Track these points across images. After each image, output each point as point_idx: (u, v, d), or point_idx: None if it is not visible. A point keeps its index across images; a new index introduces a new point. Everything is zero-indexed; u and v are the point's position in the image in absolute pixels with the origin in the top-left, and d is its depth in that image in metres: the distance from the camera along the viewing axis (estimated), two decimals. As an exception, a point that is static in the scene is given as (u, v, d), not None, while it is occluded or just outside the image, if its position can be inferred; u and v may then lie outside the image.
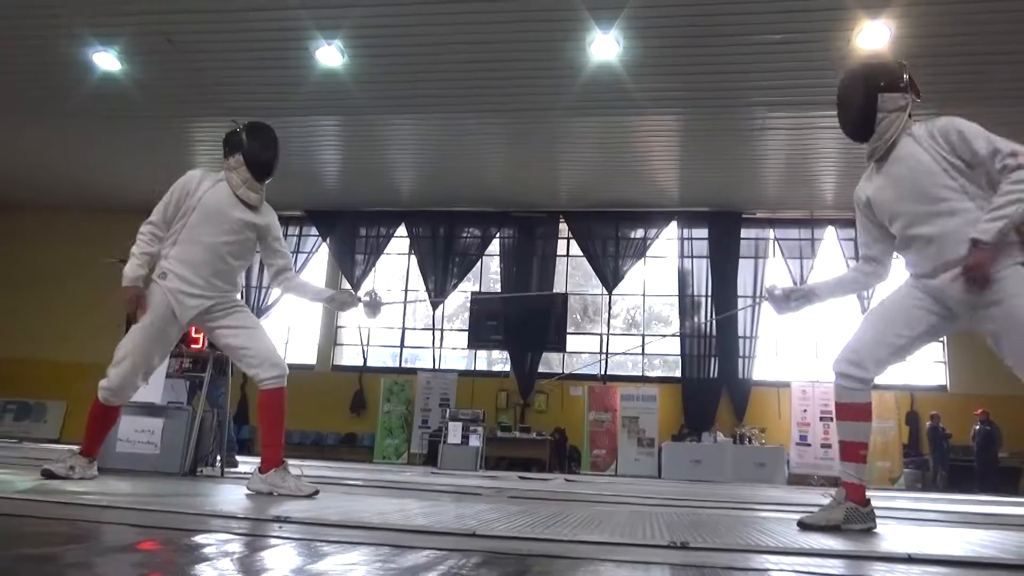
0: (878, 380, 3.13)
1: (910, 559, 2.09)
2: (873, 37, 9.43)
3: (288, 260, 4.14)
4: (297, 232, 17.24)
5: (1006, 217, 2.65)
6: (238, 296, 3.98)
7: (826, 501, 3.13)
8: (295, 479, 3.72)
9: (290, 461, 3.93)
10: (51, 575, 1.37)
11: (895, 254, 3.23)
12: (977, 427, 13.43)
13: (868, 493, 3.06)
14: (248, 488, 3.73)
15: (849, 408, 3.07)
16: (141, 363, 3.76)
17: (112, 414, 3.95)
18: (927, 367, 14.93)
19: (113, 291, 3.97)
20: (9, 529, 2.03)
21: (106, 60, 10.86)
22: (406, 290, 17.41)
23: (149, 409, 5.27)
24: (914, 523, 3.85)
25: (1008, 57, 9.68)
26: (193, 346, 5.37)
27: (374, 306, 4.24)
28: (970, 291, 2.73)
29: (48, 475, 3.73)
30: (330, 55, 10.45)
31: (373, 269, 17.04)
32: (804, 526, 2.98)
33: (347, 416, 16.15)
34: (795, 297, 3.40)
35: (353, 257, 16.91)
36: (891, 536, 2.89)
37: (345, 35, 10.07)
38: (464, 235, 16.78)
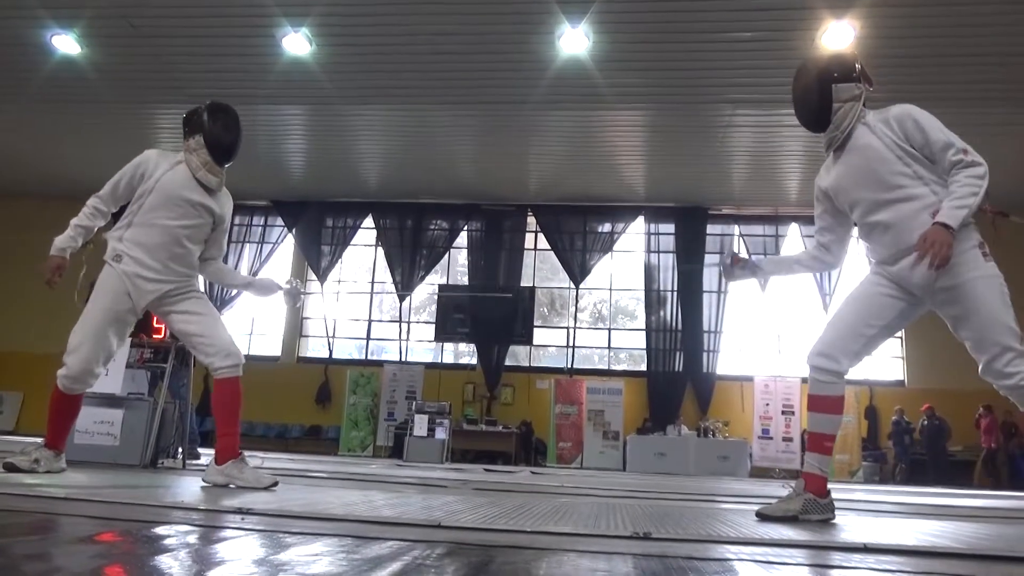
0: (842, 376, 3.19)
1: (866, 548, 2.14)
2: (837, 37, 9.59)
3: (223, 253, 4.09)
4: (263, 222, 17.05)
5: (968, 207, 2.75)
6: (195, 281, 3.90)
7: (785, 493, 3.19)
8: (253, 470, 3.67)
9: (255, 453, 3.88)
10: (6, 567, 1.34)
11: (851, 243, 3.33)
12: (924, 422, 13.75)
13: (829, 485, 3.12)
14: (204, 480, 3.66)
15: (822, 400, 3.12)
16: (99, 348, 3.65)
17: (74, 403, 3.82)
18: (885, 363, 15.26)
19: (72, 279, 3.87)
20: (-38, 521, 1.98)
21: (65, 43, 10.61)
22: (372, 281, 17.32)
23: (109, 400, 5.18)
24: (871, 514, 3.93)
25: (970, 59, 9.90)
26: (155, 336, 5.28)
27: (293, 295, 4.25)
28: (928, 271, 2.79)
29: (10, 468, 3.60)
30: (297, 43, 10.32)
31: (339, 260, 16.91)
32: (762, 516, 3.02)
33: (312, 408, 16.03)
34: (741, 266, 3.50)
35: (319, 248, 16.76)
36: (849, 526, 2.95)
37: (313, 23, 9.96)
38: (432, 227, 16.73)
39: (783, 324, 15.82)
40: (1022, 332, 2.80)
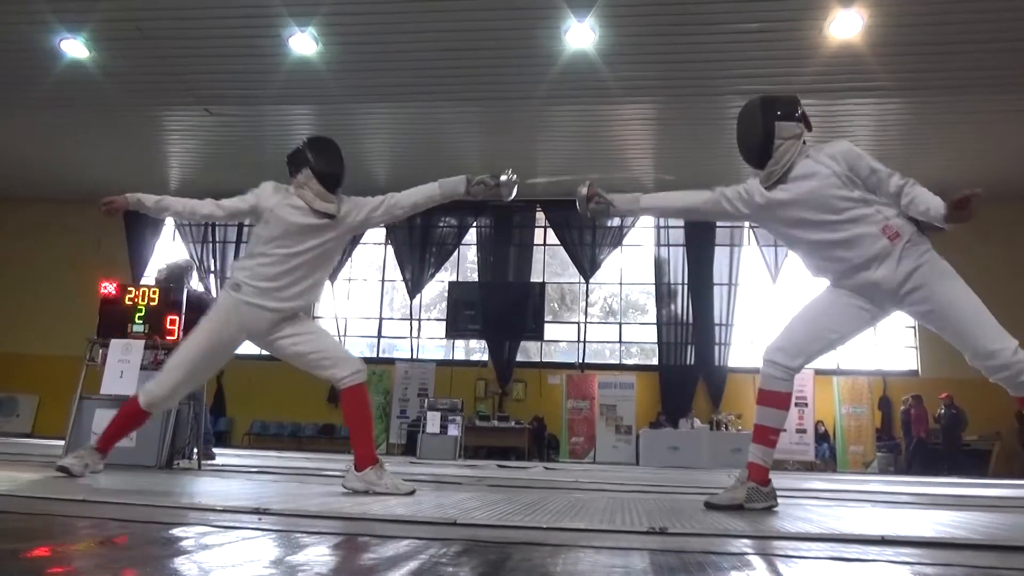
0: (852, 366, 3.24)
1: (884, 540, 2.13)
2: (846, 26, 9.52)
3: (390, 215, 4.00)
4: (272, 222, 17.07)
5: (930, 207, 2.91)
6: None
7: (731, 482, 3.24)
8: (391, 477, 3.61)
9: (268, 452, 3.89)
10: (29, 571, 1.35)
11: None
12: (942, 411, 13.68)
13: (843, 477, 3.14)
14: (344, 486, 3.60)
15: (772, 395, 3.26)
16: (197, 375, 3.73)
17: (144, 419, 3.86)
18: (899, 352, 15.17)
19: (87, 284, 3.89)
20: (-18, 525, 2.00)
21: (74, 47, 10.66)
22: (383, 280, 17.36)
23: (124, 402, 5.20)
24: (887, 506, 3.91)
25: (978, 46, 9.81)
26: (168, 338, 5.31)
27: (510, 186, 4.24)
28: (895, 273, 3.01)
29: (64, 471, 3.66)
30: (303, 43, 10.34)
31: (349, 259, 16.95)
32: (710, 506, 3.17)
33: (325, 407, 16.05)
34: (596, 200, 3.65)
35: (329, 247, 16.77)
36: (866, 518, 2.93)
37: (319, 22, 9.97)
38: (441, 224, 16.74)
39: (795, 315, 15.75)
40: (999, 320, 2.96)
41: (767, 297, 15.46)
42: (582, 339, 16.32)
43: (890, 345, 15.19)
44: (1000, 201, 14.11)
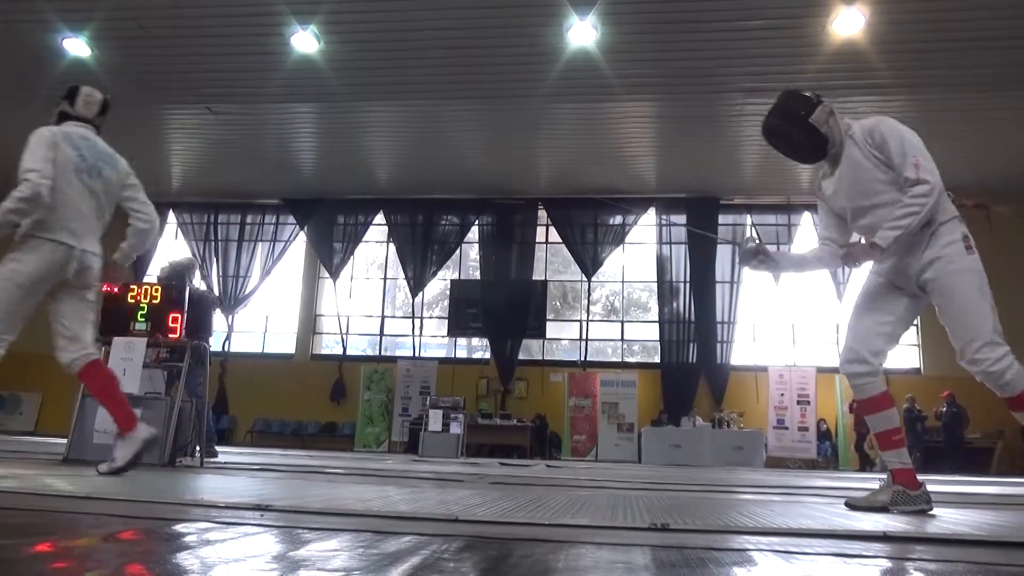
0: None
1: (886, 537, 2.13)
2: (848, 23, 9.51)
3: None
4: (275, 220, 17.12)
5: (902, 228, 2.97)
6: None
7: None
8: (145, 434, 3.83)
9: (271, 450, 3.91)
10: (33, 566, 1.36)
11: (853, 236, 3.44)
12: (944, 409, 13.67)
13: (843, 474, 3.15)
14: (116, 458, 3.78)
15: (869, 402, 3.21)
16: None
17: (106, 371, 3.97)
18: (901, 350, 15.15)
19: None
20: (-14, 521, 2.01)
21: (76, 46, 10.68)
22: (385, 278, 17.37)
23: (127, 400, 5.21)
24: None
25: (980, 43, 9.79)
26: (171, 336, 5.32)
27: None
28: (911, 262, 3.06)
29: (117, 471, 3.73)
30: (305, 41, 10.34)
31: (351, 257, 16.96)
32: (851, 506, 3.17)
33: (327, 405, 16.10)
34: (762, 258, 3.51)
35: (331, 245, 16.82)
36: (868, 515, 2.93)
37: (320, 20, 9.97)
38: (443, 223, 16.74)
39: (797, 313, 15.74)
40: (1001, 323, 2.96)
41: (770, 295, 15.45)
42: (584, 337, 16.32)
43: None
44: (1004, 200, 14.11)
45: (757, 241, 3.61)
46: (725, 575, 1.51)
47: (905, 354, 15.18)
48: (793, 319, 15.78)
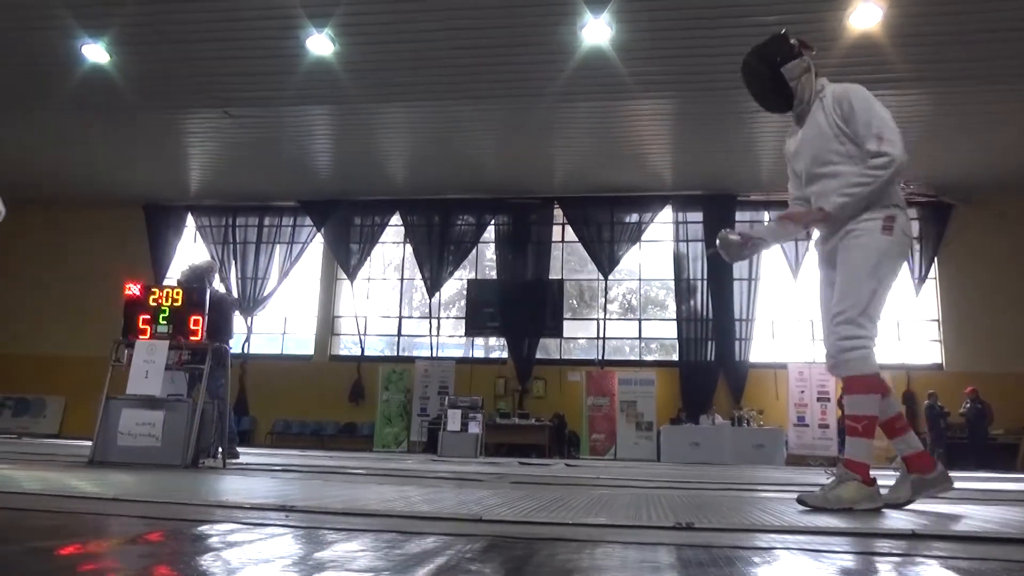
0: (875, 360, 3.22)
1: (914, 535, 2.11)
2: (865, 17, 9.42)
3: None
4: (292, 222, 17.21)
5: (851, 196, 2.93)
6: None
7: (827, 480, 3.17)
8: None
9: (291, 451, 3.92)
10: (61, 568, 1.37)
11: None
12: (968, 405, 13.52)
13: (869, 472, 3.11)
14: None
15: (858, 381, 3.24)
16: None
17: None
18: (923, 346, 14.99)
19: (111, 286, 3.93)
20: (18, 524, 2.03)
21: (95, 52, 10.78)
22: (402, 279, 17.42)
23: (149, 402, 5.26)
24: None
25: (998, 36, 9.66)
26: (192, 338, 5.36)
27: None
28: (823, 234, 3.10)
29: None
30: (321, 44, 10.39)
31: (368, 258, 17.02)
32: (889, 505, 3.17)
33: (346, 405, 16.17)
34: (749, 246, 3.53)
35: (348, 246, 16.88)
36: (895, 513, 2.90)
37: (335, 23, 10.01)
38: (459, 223, 16.76)
39: (816, 310, 15.62)
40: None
41: (788, 292, 15.33)
42: (601, 336, 16.28)
43: (914, 339, 15.02)
44: (1021, 193, 13.93)
45: (737, 236, 3.55)
46: (754, 574, 1.49)
47: (927, 350, 15.03)
48: (812, 315, 15.64)
